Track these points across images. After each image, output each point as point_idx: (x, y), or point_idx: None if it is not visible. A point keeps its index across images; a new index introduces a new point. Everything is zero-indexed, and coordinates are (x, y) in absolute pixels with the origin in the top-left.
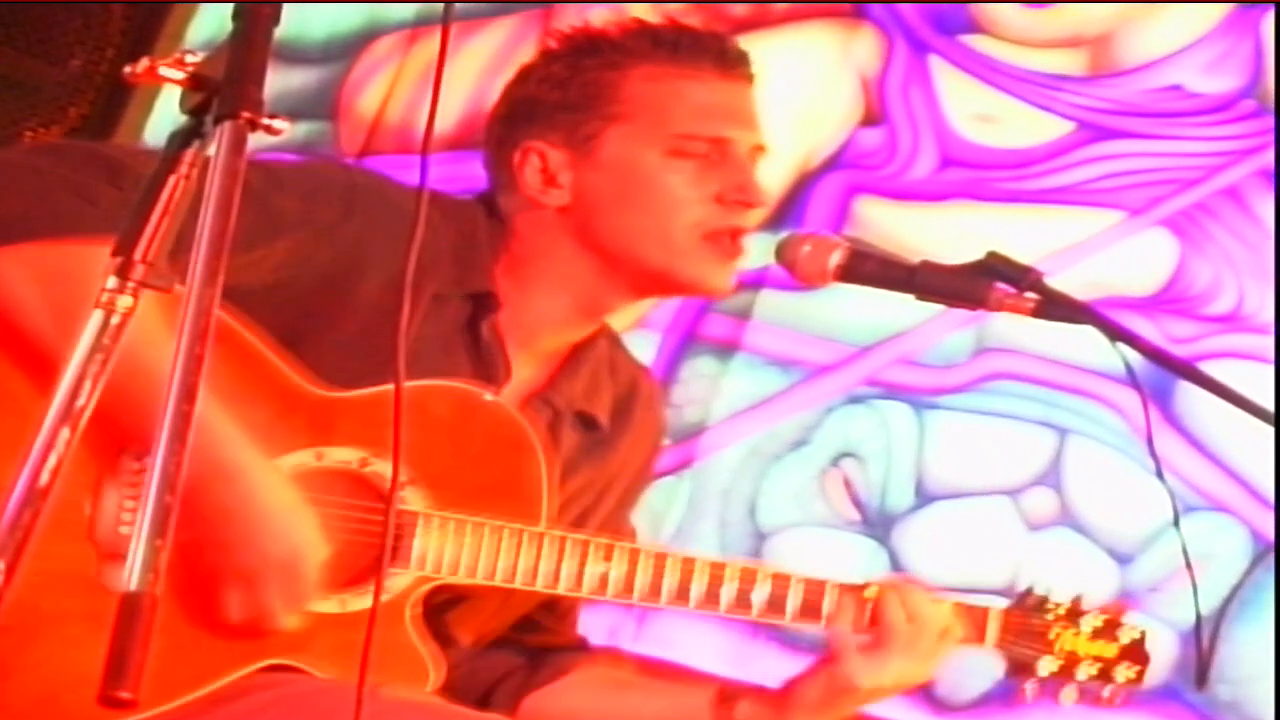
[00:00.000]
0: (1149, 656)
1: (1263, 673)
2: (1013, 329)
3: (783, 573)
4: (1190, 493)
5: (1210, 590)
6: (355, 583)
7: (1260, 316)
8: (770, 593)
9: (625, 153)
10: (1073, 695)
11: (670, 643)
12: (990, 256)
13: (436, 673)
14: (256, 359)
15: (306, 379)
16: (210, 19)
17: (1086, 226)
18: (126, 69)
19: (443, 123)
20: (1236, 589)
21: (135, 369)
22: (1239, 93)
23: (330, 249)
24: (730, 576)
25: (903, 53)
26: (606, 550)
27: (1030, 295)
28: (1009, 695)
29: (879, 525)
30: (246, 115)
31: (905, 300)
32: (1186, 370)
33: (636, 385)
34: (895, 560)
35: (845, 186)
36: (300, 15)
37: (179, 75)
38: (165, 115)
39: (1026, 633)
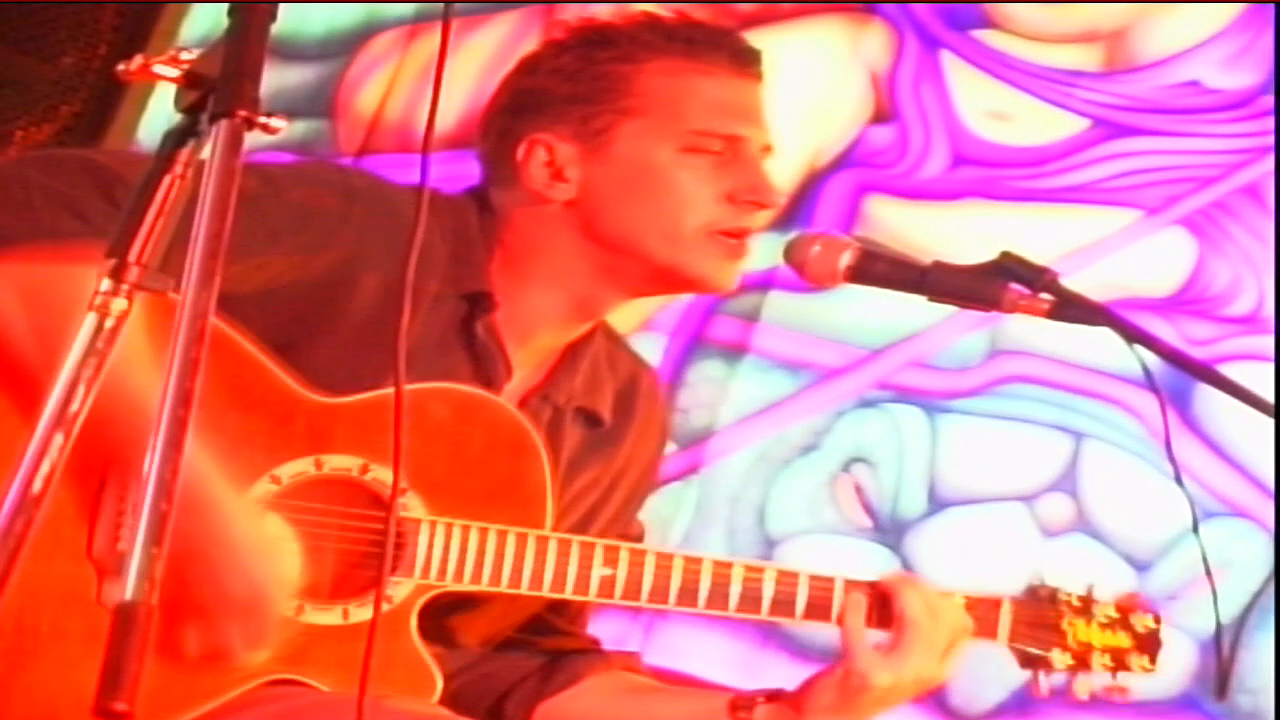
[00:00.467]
0: (1162, 644)
1: None
2: (1027, 331)
3: (789, 570)
4: (1210, 498)
5: (1230, 598)
6: (358, 593)
7: None
8: (777, 590)
9: (638, 148)
10: (1086, 686)
11: (678, 652)
12: (1004, 257)
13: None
14: (253, 366)
15: (303, 385)
16: (205, 15)
17: (1102, 226)
18: (120, 66)
19: (443, 121)
20: (1257, 596)
21: (116, 396)
22: (1258, 89)
23: (328, 253)
24: (736, 575)
25: (914, 49)
26: (612, 553)
27: (1045, 296)
28: (1025, 704)
29: (891, 532)
30: (243, 113)
31: (917, 302)
32: (1205, 373)
33: (637, 379)
34: (907, 568)
35: (855, 185)
36: (298, 11)
37: (173, 73)
38: (159, 113)
39: (1039, 625)
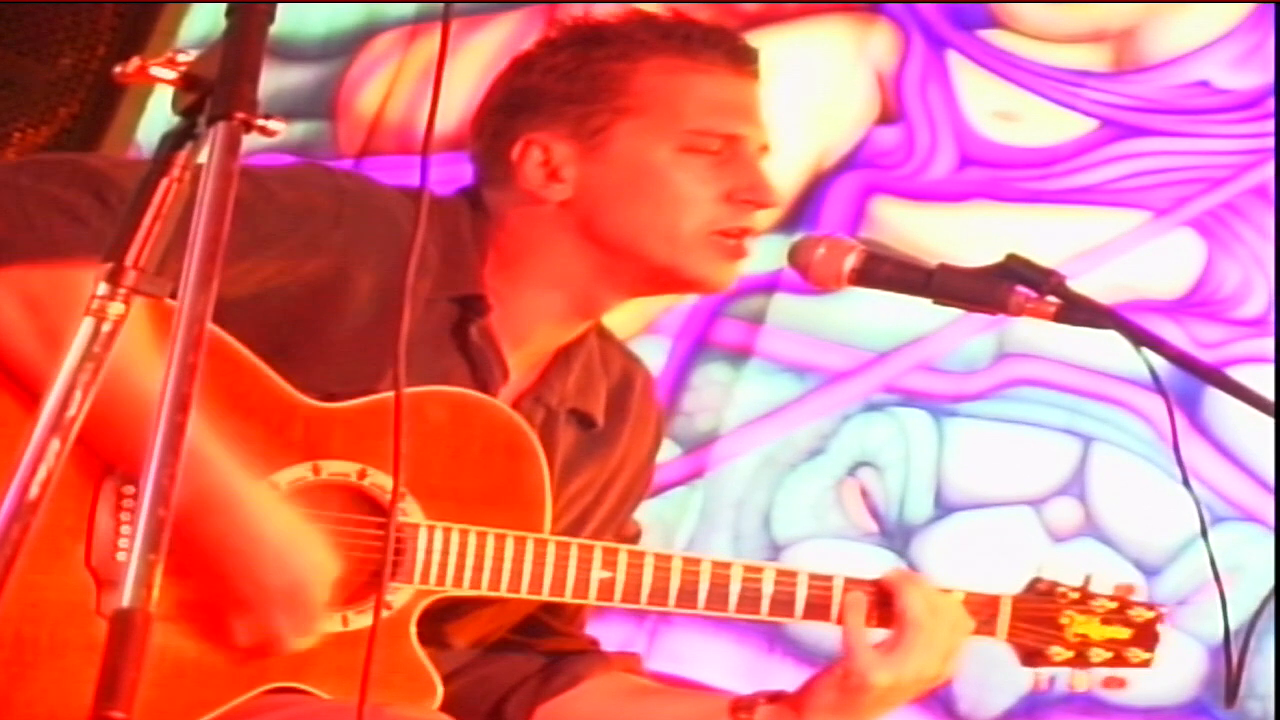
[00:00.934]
0: (1159, 636)
1: None
2: (1035, 334)
3: (788, 569)
4: (1219, 502)
5: (1240, 603)
6: (357, 599)
7: None
8: (776, 590)
9: (636, 147)
10: (1085, 680)
11: (684, 658)
12: (1010, 259)
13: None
14: (249, 371)
15: (298, 390)
16: (204, 16)
17: (1110, 227)
18: (117, 69)
19: (444, 122)
20: (1267, 601)
21: (119, 392)
22: (1267, 89)
23: (319, 257)
24: (735, 576)
25: (920, 49)
26: (611, 555)
27: (1052, 299)
28: (1033, 709)
29: (897, 537)
30: (241, 116)
31: (923, 304)
32: (1214, 376)
33: (631, 378)
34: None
35: (861, 187)
36: (297, 11)
37: (171, 75)
38: (158, 115)
39: (1038, 620)
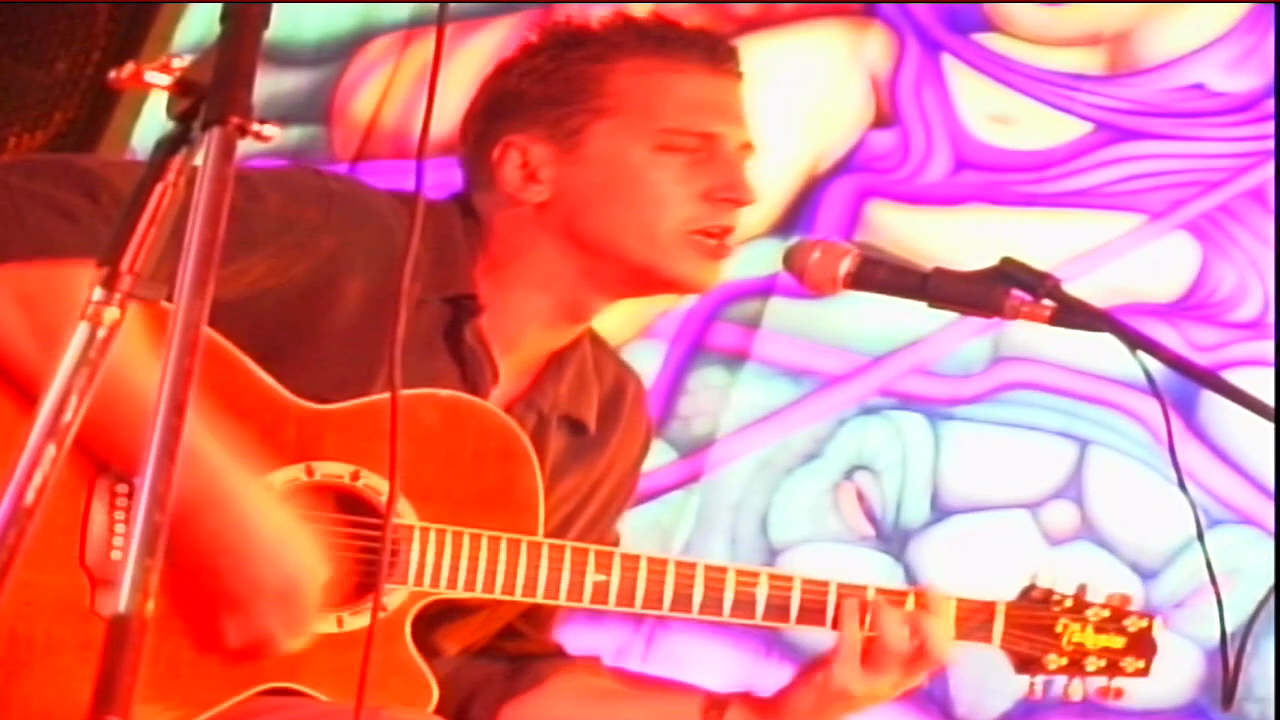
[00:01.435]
0: (1156, 646)
1: None
2: (1031, 337)
3: (783, 574)
4: (1216, 505)
5: (1237, 605)
6: (351, 600)
7: None
8: (771, 595)
9: (611, 147)
10: (1080, 690)
11: (680, 662)
12: (1006, 262)
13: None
14: (242, 374)
15: (290, 392)
16: (199, 20)
17: (1106, 231)
18: (112, 74)
19: (439, 126)
20: (1263, 604)
21: (117, 391)
22: (1262, 92)
23: (308, 259)
24: (730, 580)
25: (915, 52)
26: (605, 559)
27: (1047, 302)
28: (1029, 713)
29: (894, 540)
30: (235, 120)
31: (919, 308)
32: (1208, 378)
33: (623, 386)
34: (911, 576)
35: (856, 190)
36: (292, 16)
37: (165, 80)
38: (153, 120)
39: (1033, 627)
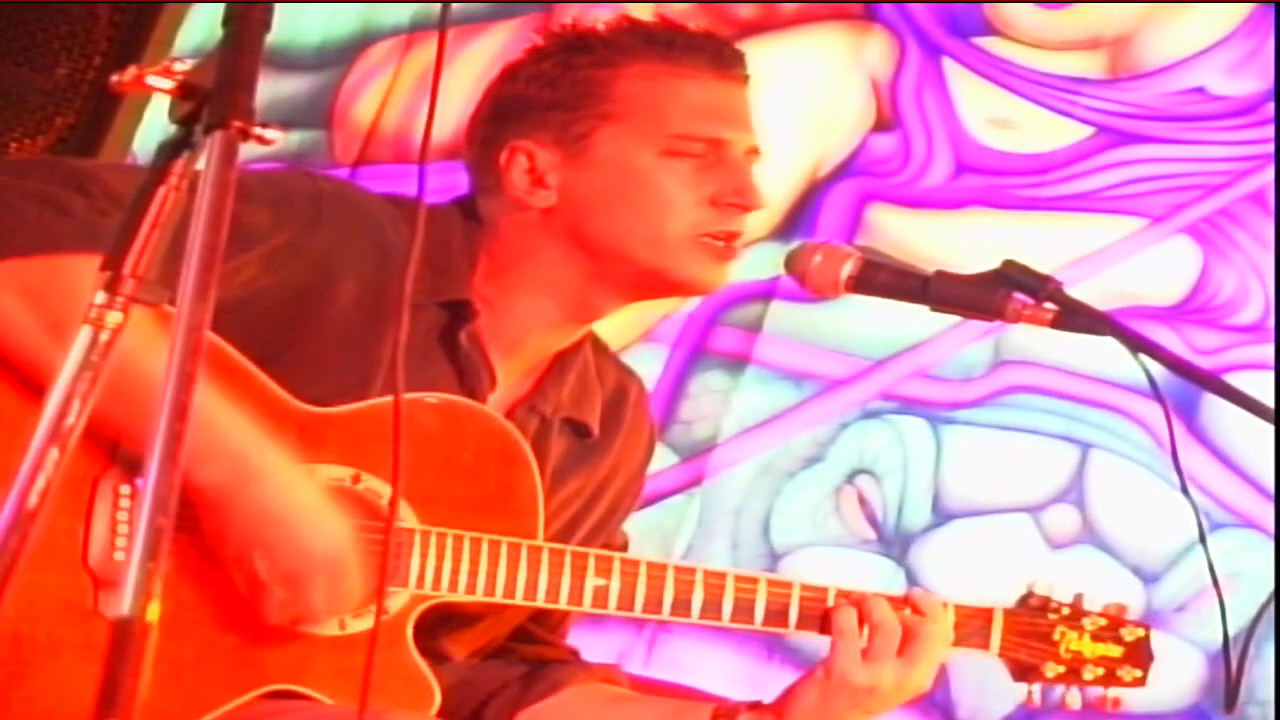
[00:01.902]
0: (1153, 656)
1: None
2: (1032, 340)
3: (782, 580)
4: (1217, 509)
5: (1239, 609)
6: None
7: None
8: (770, 600)
9: (618, 152)
10: (1078, 699)
11: (683, 666)
12: (1007, 266)
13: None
14: (242, 376)
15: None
16: (200, 24)
17: (1107, 234)
18: (113, 78)
19: (440, 130)
20: (1266, 607)
21: (125, 376)
22: (1263, 95)
23: (301, 260)
24: (730, 586)
25: (915, 56)
26: (605, 563)
27: (1049, 306)
28: (1031, 716)
29: (895, 544)
30: (237, 124)
31: (920, 311)
32: (1211, 382)
33: (625, 390)
34: (912, 580)
35: (857, 194)
36: (293, 20)
37: (167, 84)
38: (155, 124)
39: (1031, 635)
